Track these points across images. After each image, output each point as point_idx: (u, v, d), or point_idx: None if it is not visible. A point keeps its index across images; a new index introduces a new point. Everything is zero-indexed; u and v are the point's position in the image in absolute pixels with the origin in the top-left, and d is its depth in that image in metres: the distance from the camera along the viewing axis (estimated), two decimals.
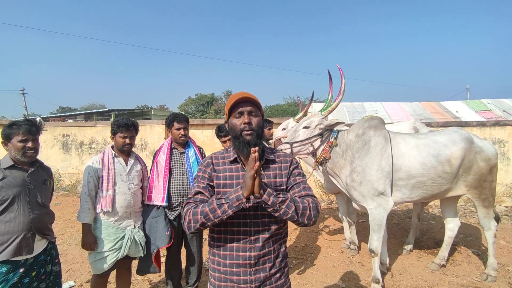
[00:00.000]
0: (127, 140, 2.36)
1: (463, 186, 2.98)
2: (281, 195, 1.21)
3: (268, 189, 1.19)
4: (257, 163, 1.11)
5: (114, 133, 2.36)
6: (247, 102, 1.32)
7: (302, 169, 1.44)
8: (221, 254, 1.31)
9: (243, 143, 1.29)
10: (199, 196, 1.30)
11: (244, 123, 1.29)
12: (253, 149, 1.12)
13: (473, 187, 2.97)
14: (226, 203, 1.18)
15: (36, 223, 1.87)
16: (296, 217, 1.22)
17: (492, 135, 6.15)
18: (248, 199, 1.18)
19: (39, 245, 1.92)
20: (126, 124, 2.34)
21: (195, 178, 1.36)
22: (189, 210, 1.24)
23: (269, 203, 1.18)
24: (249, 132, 1.29)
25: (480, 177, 2.93)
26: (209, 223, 1.21)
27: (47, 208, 2.03)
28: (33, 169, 1.94)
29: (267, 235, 1.30)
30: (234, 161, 1.36)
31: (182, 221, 1.27)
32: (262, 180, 1.22)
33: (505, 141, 6.11)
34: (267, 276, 1.30)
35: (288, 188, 1.37)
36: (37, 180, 1.95)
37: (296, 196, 1.31)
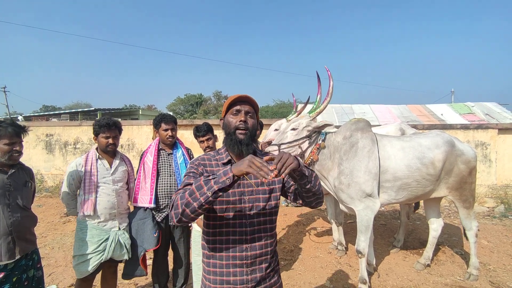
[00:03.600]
0: (110, 140, 2.31)
1: (445, 188, 3.06)
2: (309, 168, 1.26)
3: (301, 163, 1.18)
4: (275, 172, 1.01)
5: (96, 133, 2.31)
6: (246, 102, 1.33)
7: None
8: (217, 256, 1.29)
9: (235, 140, 1.29)
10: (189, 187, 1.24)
11: (240, 121, 1.29)
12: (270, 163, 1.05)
13: (454, 188, 3.05)
14: (213, 179, 1.08)
15: (17, 226, 1.81)
16: (320, 189, 1.29)
17: (475, 137, 6.33)
18: (234, 178, 1.07)
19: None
20: (107, 124, 2.28)
21: (185, 175, 1.31)
22: (178, 196, 1.15)
23: (306, 173, 1.19)
24: (243, 132, 1.29)
25: (460, 179, 3.02)
26: (194, 204, 1.08)
27: (29, 211, 1.96)
28: (13, 170, 1.87)
29: (262, 234, 1.31)
30: (228, 163, 1.33)
31: (169, 210, 1.17)
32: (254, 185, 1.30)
33: (487, 144, 6.30)
34: (263, 276, 1.31)
35: (290, 186, 1.37)
36: (17, 182, 1.88)
37: None
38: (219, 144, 1.93)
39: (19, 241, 1.82)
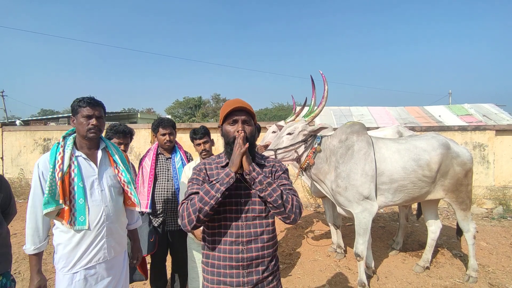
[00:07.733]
0: (122, 147, 2.33)
1: (441, 190, 3.06)
2: (269, 178, 1.30)
3: (258, 169, 1.28)
4: (246, 145, 1.25)
5: (109, 139, 2.32)
6: (242, 111, 1.37)
7: (289, 176, 1.48)
8: (215, 256, 1.33)
9: None
10: (194, 196, 1.31)
11: (238, 131, 1.33)
12: (240, 130, 1.30)
13: (450, 191, 3.05)
14: (218, 182, 1.25)
15: None
16: (279, 202, 1.25)
17: (473, 139, 6.35)
18: (236, 174, 1.28)
19: None
20: (124, 131, 2.35)
21: (189, 181, 1.39)
22: (186, 205, 1.27)
23: (257, 180, 1.26)
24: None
25: (456, 181, 3.02)
26: (206, 208, 1.21)
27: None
28: None
29: (259, 237, 1.34)
30: (226, 165, 1.38)
31: (180, 220, 1.29)
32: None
33: (485, 145, 6.31)
34: (259, 279, 1.33)
35: None
36: None
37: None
38: (216, 148, 1.93)
39: None
